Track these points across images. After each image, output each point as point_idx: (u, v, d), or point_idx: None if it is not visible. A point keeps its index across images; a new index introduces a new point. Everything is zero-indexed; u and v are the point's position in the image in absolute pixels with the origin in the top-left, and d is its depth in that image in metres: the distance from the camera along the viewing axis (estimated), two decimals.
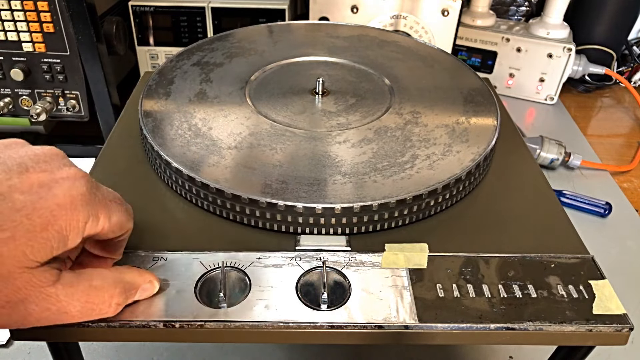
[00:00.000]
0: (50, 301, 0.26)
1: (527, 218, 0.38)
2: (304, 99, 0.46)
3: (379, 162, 0.38)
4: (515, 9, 1.01)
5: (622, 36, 0.93)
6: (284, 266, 0.33)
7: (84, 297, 0.27)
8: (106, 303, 0.28)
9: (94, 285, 0.27)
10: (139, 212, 0.37)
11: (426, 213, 0.37)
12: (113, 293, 0.28)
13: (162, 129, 0.41)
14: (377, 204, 0.34)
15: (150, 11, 0.76)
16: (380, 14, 0.74)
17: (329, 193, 0.35)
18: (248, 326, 0.30)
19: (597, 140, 0.81)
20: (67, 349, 0.33)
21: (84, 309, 0.27)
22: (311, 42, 0.56)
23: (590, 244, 0.36)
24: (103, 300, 0.28)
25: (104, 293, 0.28)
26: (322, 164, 0.38)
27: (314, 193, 0.35)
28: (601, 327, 0.30)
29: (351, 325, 0.30)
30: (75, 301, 0.26)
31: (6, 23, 0.60)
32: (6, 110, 0.65)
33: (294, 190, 0.35)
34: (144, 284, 0.30)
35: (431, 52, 0.55)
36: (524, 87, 0.88)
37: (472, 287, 0.32)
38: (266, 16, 0.75)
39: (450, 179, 0.36)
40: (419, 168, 0.38)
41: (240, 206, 0.35)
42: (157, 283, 0.31)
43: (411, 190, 0.35)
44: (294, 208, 0.34)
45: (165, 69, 0.49)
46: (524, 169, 0.43)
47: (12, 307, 0.25)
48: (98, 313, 0.28)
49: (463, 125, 0.43)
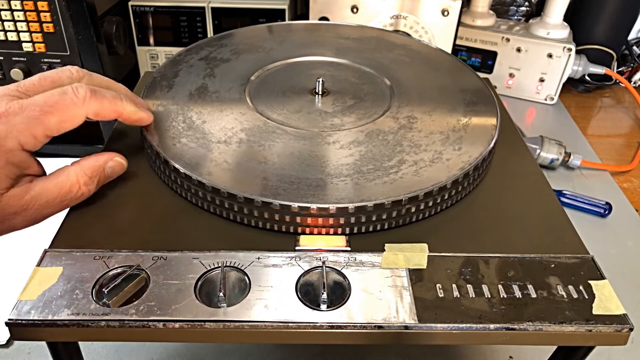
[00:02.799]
0: (29, 205, 0.33)
1: (527, 218, 0.38)
2: (303, 99, 0.46)
3: (379, 162, 0.38)
4: (515, 9, 1.01)
5: (622, 36, 0.93)
6: (284, 266, 0.33)
7: (56, 190, 0.34)
8: (75, 186, 0.35)
9: (59, 179, 0.35)
10: (139, 212, 0.37)
11: (426, 213, 0.37)
12: (78, 177, 0.35)
13: (161, 129, 0.41)
14: (377, 204, 0.34)
15: (150, 11, 0.76)
16: (380, 14, 0.74)
17: (329, 193, 0.35)
18: (247, 326, 0.30)
19: (597, 140, 0.81)
20: (67, 349, 0.33)
21: (60, 197, 0.34)
22: (311, 42, 0.56)
23: (590, 244, 0.35)
24: (72, 184, 0.35)
25: (69, 180, 0.35)
26: (322, 163, 0.38)
27: (314, 193, 0.35)
28: (601, 327, 0.30)
29: (351, 325, 0.30)
30: (49, 193, 0.34)
31: (6, 23, 0.60)
32: None
33: (294, 190, 0.35)
34: (108, 163, 0.37)
35: (431, 52, 0.55)
36: (524, 87, 0.88)
37: (472, 287, 0.32)
38: (266, 16, 0.75)
39: (450, 179, 0.36)
40: (419, 168, 0.38)
41: (239, 206, 0.35)
42: (119, 158, 0.37)
43: (411, 191, 0.35)
44: (294, 208, 0.34)
45: (165, 69, 0.49)
46: (524, 169, 0.43)
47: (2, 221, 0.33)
48: (74, 196, 0.35)
49: (463, 125, 0.43)
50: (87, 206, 0.37)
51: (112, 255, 0.33)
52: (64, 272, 0.32)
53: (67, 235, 0.35)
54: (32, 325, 0.29)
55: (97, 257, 0.33)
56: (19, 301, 0.30)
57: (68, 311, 0.29)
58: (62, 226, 0.35)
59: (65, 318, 0.29)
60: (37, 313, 0.29)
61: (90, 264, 0.32)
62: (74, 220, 0.36)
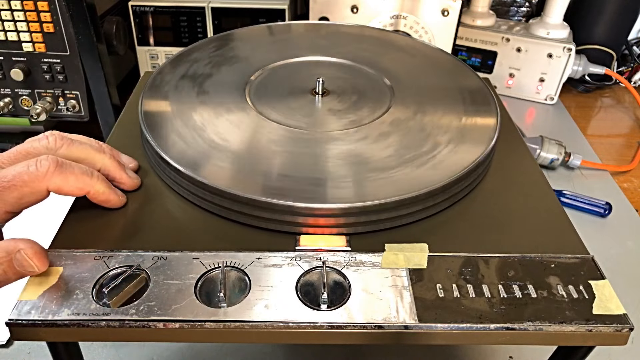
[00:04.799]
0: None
1: (527, 218, 0.38)
2: (303, 99, 0.46)
3: (379, 162, 0.38)
4: (516, 9, 1.01)
5: (622, 36, 0.93)
6: (284, 266, 0.33)
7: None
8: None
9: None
10: (139, 212, 0.37)
11: (426, 213, 0.37)
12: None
13: (162, 129, 0.41)
14: (377, 205, 0.34)
15: (150, 11, 0.76)
16: (380, 14, 0.74)
17: (330, 193, 0.35)
18: (248, 326, 0.30)
19: (597, 140, 0.81)
20: (67, 349, 0.33)
21: None
22: (311, 42, 0.56)
23: (590, 244, 0.35)
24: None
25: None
26: (322, 163, 0.38)
27: (315, 193, 0.35)
28: (601, 327, 0.30)
29: (351, 325, 0.30)
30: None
31: (6, 23, 0.60)
32: (6, 110, 0.65)
33: (295, 190, 0.35)
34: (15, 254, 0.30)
35: (431, 52, 0.55)
36: (524, 87, 0.88)
37: (472, 287, 0.32)
38: (266, 16, 0.75)
39: (450, 179, 0.36)
40: (419, 168, 0.38)
41: (240, 206, 0.35)
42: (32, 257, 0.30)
43: (411, 191, 0.35)
44: (295, 208, 0.34)
45: (165, 69, 0.49)
46: (524, 169, 0.43)
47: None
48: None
49: (463, 125, 0.43)
50: (87, 206, 0.37)
51: (112, 255, 0.33)
52: (64, 272, 0.32)
53: (67, 235, 0.35)
54: (32, 325, 0.29)
55: (97, 257, 0.33)
56: (19, 301, 0.30)
57: (68, 311, 0.29)
58: (62, 226, 0.35)
59: (65, 318, 0.29)
60: (37, 313, 0.29)
61: (90, 264, 0.32)
62: (74, 220, 0.36)
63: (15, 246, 0.30)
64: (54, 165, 0.32)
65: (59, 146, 0.35)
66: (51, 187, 0.33)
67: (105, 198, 0.35)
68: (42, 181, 0.32)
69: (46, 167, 0.32)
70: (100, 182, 0.35)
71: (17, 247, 0.30)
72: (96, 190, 0.35)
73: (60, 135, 0.36)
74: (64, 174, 0.33)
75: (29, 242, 0.31)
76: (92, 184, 0.34)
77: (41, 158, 0.32)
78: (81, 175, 0.34)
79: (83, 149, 0.36)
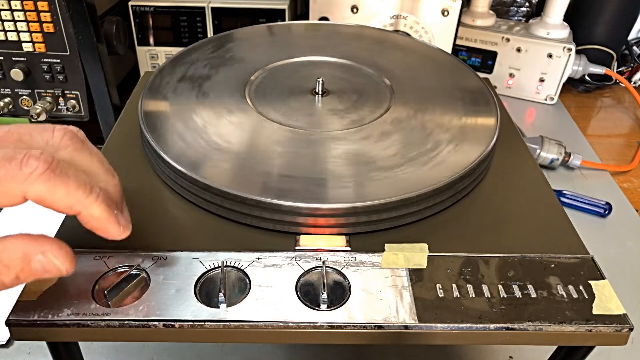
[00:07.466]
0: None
1: (527, 218, 0.38)
2: (303, 99, 0.46)
3: (379, 162, 0.38)
4: (516, 9, 1.01)
5: (622, 36, 0.93)
6: (284, 266, 0.33)
7: None
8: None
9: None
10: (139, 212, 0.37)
11: (426, 213, 0.37)
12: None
13: (162, 129, 0.41)
14: (377, 205, 0.34)
15: (150, 11, 0.76)
16: (380, 14, 0.74)
17: (330, 193, 0.35)
18: (248, 326, 0.30)
19: (597, 140, 0.81)
20: (67, 349, 0.33)
21: None
22: (311, 42, 0.56)
23: (590, 244, 0.35)
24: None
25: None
26: (322, 163, 0.38)
27: (315, 193, 0.35)
28: (601, 327, 0.30)
29: (351, 325, 0.30)
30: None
31: (6, 23, 0.60)
32: (6, 110, 0.65)
33: (295, 190, 0.35)
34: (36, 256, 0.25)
35: (431, 52, 0.55)
36: (524, 87, 0.88)
37: (472, 287, 0.32)
38: (266, 16, 0.75)
39: (450, 179, 0.36)
40: (419, 168, 0.38)
41: (240, 206, 0.35)
42: (57, 257, 0.25)
43: (411, 191, 0.35)
44: (294, 208, 0.34)
45: (165, 69, 0.49)
46: (524, 169, 0.43)
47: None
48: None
49: (463, 125, 0.43)
50: None
51: (112, 255, 0.33)
52: None
53: (67, 235, 0.35)
54: (32, 325, 0.29)
55: (97, 257, 0.33)
56: (19, 301, 0.30)
57: (68, 311, 0.29)
58: (62, 226, 0.35)
59: (65, 318, 0.29)
60: (37, 313, 0.29)
61: (90, 264, 0.32)
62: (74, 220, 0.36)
63: (35, 247, 0.25)
64: (43, 167, 0.24)
65: (64, 146, 0.27)
66: (30, 194, 0.25)
67: (102, 226, 0.27)
68: (20, 183, 0.24)
69: (32, 167, 0.24)
70: (99, 203, 0.26)
71: (40, 248, 0.25)
72: (92, 212, 0.26)
73: (73, 133, 0.28)
74: (52, 182, 0.25)
75: (55, 242, 0.25)
76: (87, 205, 0.26)
77: (32, 153, 0.24)
78: (75, 190, 0.25)
79: (91, 162, 0.28)
